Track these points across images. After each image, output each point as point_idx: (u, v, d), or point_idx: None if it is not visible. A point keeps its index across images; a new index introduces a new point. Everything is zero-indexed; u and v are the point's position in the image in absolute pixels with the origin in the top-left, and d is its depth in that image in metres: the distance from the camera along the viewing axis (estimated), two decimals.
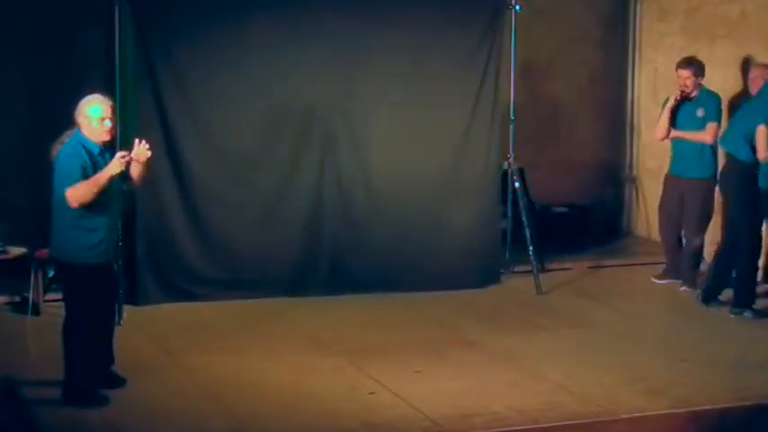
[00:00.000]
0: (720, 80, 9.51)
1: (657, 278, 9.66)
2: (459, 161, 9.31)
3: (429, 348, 7.75)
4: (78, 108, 6.50)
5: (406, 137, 9.17)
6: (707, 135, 9.17)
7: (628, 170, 11.54)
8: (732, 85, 9.33)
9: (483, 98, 9.31)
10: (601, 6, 11.41)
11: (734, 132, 8.84)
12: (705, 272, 9.60)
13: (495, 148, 9.43)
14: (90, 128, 6.48)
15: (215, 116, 8.76)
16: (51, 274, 8.11)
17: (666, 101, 9.33)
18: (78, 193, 6.37)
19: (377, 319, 8.55)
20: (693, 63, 9.24)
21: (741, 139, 8.67)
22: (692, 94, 9.24)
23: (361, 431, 6.30)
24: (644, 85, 11.33)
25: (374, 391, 6.87)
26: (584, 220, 11.05)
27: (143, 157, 6.62)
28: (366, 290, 8.98)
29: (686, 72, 9.19)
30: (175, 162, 8.69)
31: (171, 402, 6.67)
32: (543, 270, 9.67)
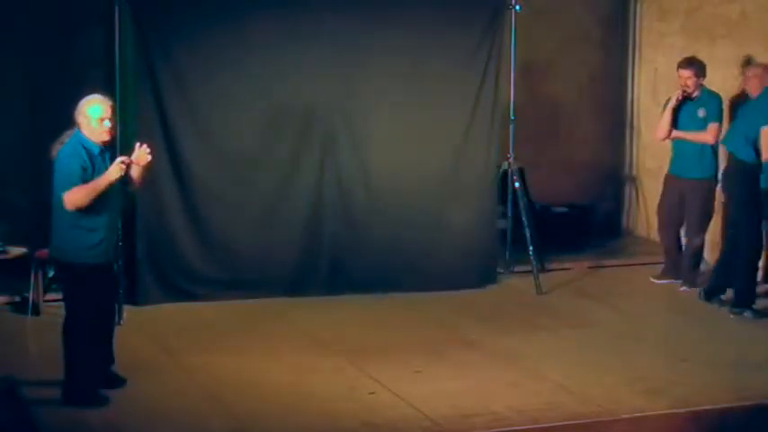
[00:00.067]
0: (720, 80, 9.51)
1: (656, 278, 9.66)
2: (459, 161, 9.31)
3: (429, 348, 7.75)
4: (78, 108, 6.49)
5: (406, 137, 9.17)
6: (708, 135, 9.17)
7: (628, 170, 11.53)
8: (732, 86, 9.32)
9: (483, 98, 9.31)
10: (601, 6, 11.41)
11: (736, 133, 8.84)
12: (705, 272, 9.62)
13: (495, 148, 9.43)
14: (90, 128, 6.47)
15: (215, 116, 8.76)
16: (51, 274, 8.11)
17: (668, 101, 9.32)
18: (75, 198, 6.37)
19: (377, 319, 8.55)
20: (695, 63, 9.23)
21: (742, 140, 8.68)
22: (693, 95, 9.23)
23: (361, 431, 6.30)
24: (644, 85, 11.32)
25: (374, 391, 6.87)
26: (584, 220, 11.04)
27: (143, 160, 6.62)
28: (366, 290, 8.98)
29: (687, 72, 9.18)
30: (175, 162, 8.69)
31: (171, 402, 6.67)
32: (543, 270, 9.67)
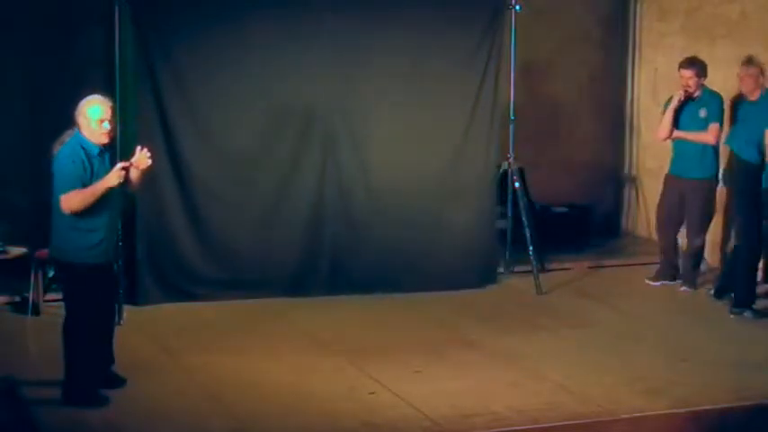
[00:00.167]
0: (721, 80, 9.50)
1: (650, 279, 9.61)
2: (459, 161, 9.31)
3: (429, 348, 7.75)
4: (79, 108, 6.49)
5: (406, 137, 9.17)
6: (709, 135, 9.15)
7: (628, 170, 11.53)
8: (733, 85, 9.31)
9: (483, 98, 9.31)
10: (601, 6, 11.40)
11: (738, 135, 8.88)
12: (705, 272, 9.63)
13: (495, 147, 9.43)
14: (89, 129, 6.47)
15: (215, 116, 8.76)
16: (51, 274, 8.11)
17: (669, 101, 9.31)
18: (72, 202, 6.37)
19: (377, 319, 8.54)
20: (696, 63, 9.22)
21: (743, 142, 8.72)
22: (694, 95, 9.23)
23: (361, 431, 6.30)
24: (644, 85, 11.32)
25: (374, 391, 6.86)
26: (584, 220, 11.04)
27: (143, 164, 6.60)
28: (366, 290, 8.98)
29: (689, 72, 9.17)
30: (175, 162, 8.69)
31: (171, 402, 6.67)
32: (543, 270, 9.66)
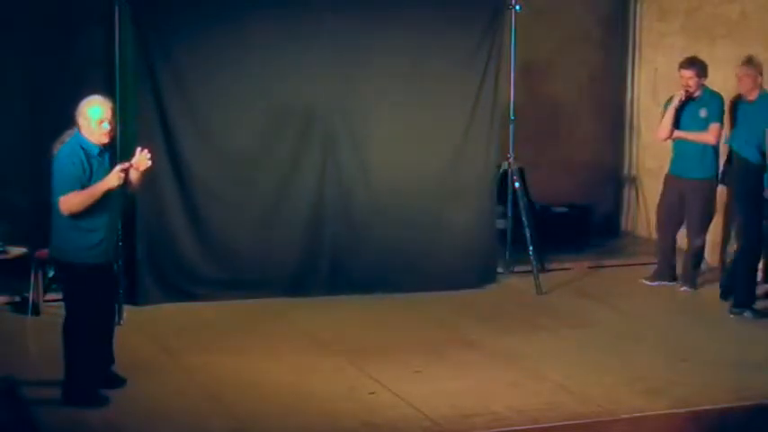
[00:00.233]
0: (721, 80, 9.50)
1: (647, 280, 9.59)
2: (459, 161, 9.31)
3: (429, 348, 7.75)
4: (79, 108, 6.48)
5: (406, 137, 9.17)
6: (710, 135, 9.15)
7: (628, 170, 11.53)
8: (733, 86, 9.30)
9: (483, 98, 9.31)
10: (601, 6, 11.41)
11: (738, 134, 8.90)
12: (705, 272, 9.62)
13: (495, 147, 9.43)
14: (89, 129, 6.46)
15: (215, 116, 8.76)
16: (51, 274, 8.10)
17: (669, 101, 9.31)
18: (70, 203, 6.37)
19: (377, 319, 8.54)
20: (696, 63, 9.21)
21: (744, 141, 8.73)
22: (695, 95, 9.22)
23: (361, 431, 6.30)
24: (644, 85, 11.32)
25: (374, 391, 6.86)
26: (584, 220, 11.04)
27: (143, 165, 6.58)
28: (366, 290, 8.98)
29: (689, 72, 9.16)
30: (175, 162, 8.68)
31: (171, 402, 6.67)
32: (543, 270, 9.66)
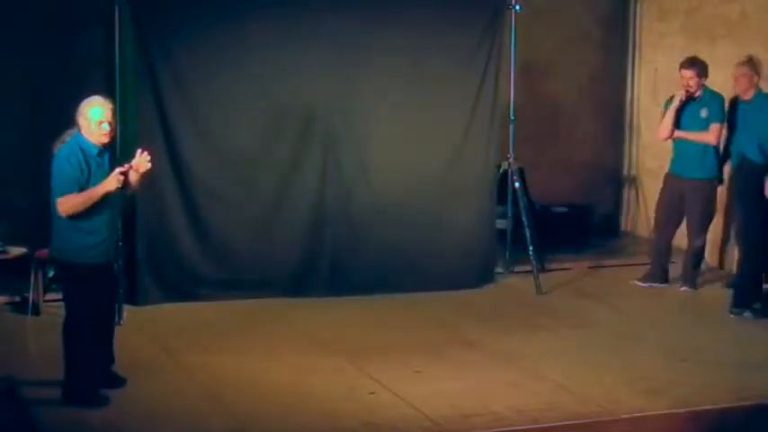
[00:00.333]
0: (721, 80, 9.49)
1: (640, 281, 9.56)
2: (459, 161, 9.31)
3: (429, 348, 7.75)
4: (79, 109, 6.48)
5: (406, 137, 9.17)
6: (710, 136, 9.14)
7: (628, 170, 11.53)
8: (733, 86, 9.31)
9: (483, 98, 9.31)
10: (601, 6, 11.41)
11: (739, 134, 8.93)
12: (705, 272, 9.63)
13: (495, 147, 9.43)
14: (89, 130, 6.46)
15: (215, 116, 8.76)
16: (51, 274, 8.11)
17: (669, 101, 9.30)
18: (68, 206, 6.37)
19: (377, 319, 8.54)
20: (697, 63, 9.21)
21: (744, 141, 8.75)
22: (695, 95, 9.22)
23: (361, 431, 6.30)
24: (644, 85, 11.32)
25: (374, 391, 6.86)
26: (584, 220, 11.04)
27: (143, 167, 6.57)
28: (366, 290, 8.98)
29: (689, 72, 9.16)
30: (175, 162, 8.68)
31: (171, 402, 6.67)
32: (543, 270, 9.67)
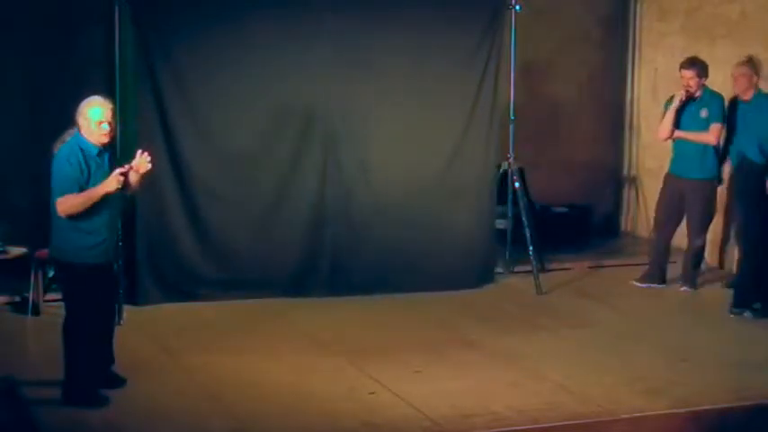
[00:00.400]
0: (721, 80, 9.50)
1: (638, 281, 9.55)
2: (459, 161, 9.31)
3: (429, 348, 7.75)
4: (79, 109, 6.48)
5: (406, 137, 9.18)
6: (710, 136, 9.14)
7: (628, 170, 11.53)
8: (733, 86, 9.31)
9: (482, 98, 9.31)
10: (601, 6, 11.41)
11: (739, 134, 8.93)
12: (705, 272, 9.63)
13: (495, 147, 9.44)
14: (89, 130, 6.46)
15: (215, 116, 8.76)
16: (51, 274, 8.10)
17: (669, 101, 9.30)
18: (67, 206, 6.36)
19: (377, 319, 8.54)
20: (697, 63, 9.21)
21: (745, 141, 8.75)
22: (695, 95, 9.22)
23: (361, 431, 6.30)
24: (644, 85, 11.33)
25: (374, 391, 6.86)
26: (584, 220, 11.05)
27: (143, 168, 6.57)
28: (366, 290, 8.98)
29: (690, 72, 9.15)
30: (175, 162, 8.68)
31: (171, 402, 6.67)
32: (543, 270, 9.67)
